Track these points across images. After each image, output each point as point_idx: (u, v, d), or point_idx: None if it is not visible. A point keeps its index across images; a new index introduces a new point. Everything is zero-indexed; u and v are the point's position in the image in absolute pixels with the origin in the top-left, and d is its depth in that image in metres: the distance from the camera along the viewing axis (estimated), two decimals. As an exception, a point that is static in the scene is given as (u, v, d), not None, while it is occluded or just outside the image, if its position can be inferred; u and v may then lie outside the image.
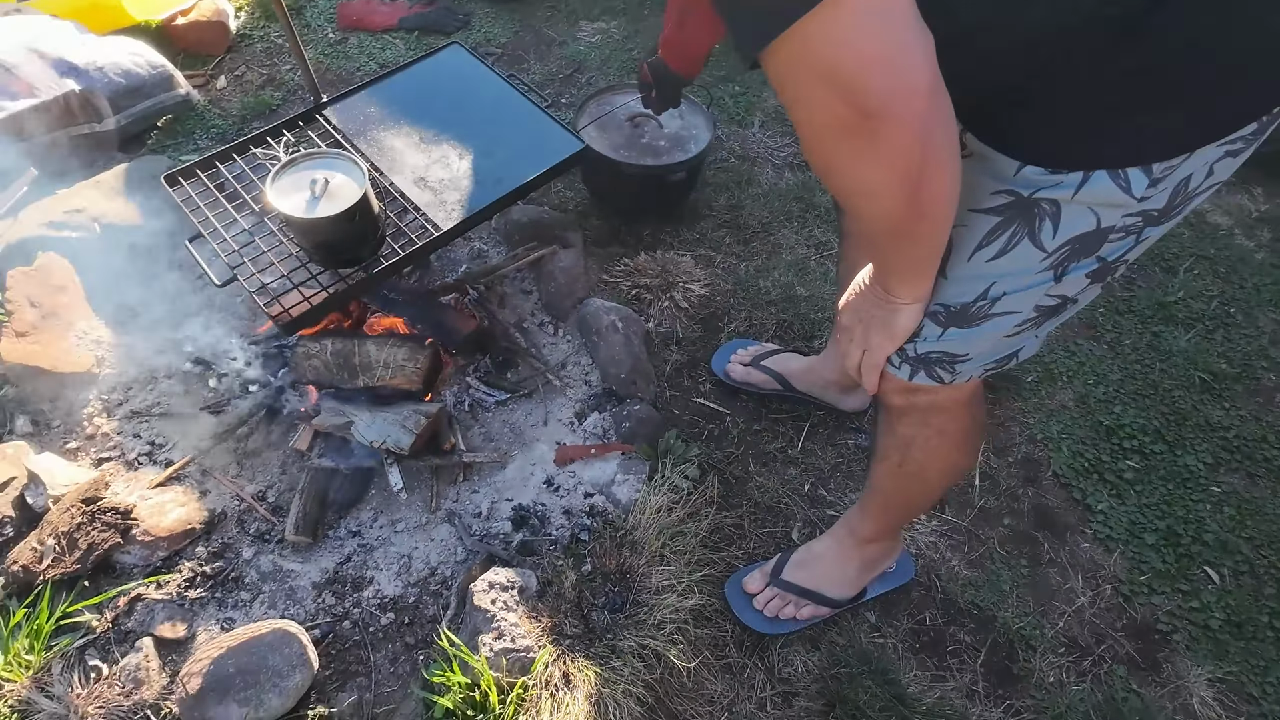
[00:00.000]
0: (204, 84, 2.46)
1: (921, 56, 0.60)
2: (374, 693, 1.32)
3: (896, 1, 0.59)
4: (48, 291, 1.69)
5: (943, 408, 1.05)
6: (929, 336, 0.92)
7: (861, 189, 0.70)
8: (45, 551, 1.37)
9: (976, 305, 0.87)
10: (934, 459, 1.13)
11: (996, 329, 0.90)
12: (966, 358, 0.93)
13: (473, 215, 1.47)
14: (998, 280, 0.85)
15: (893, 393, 1.04)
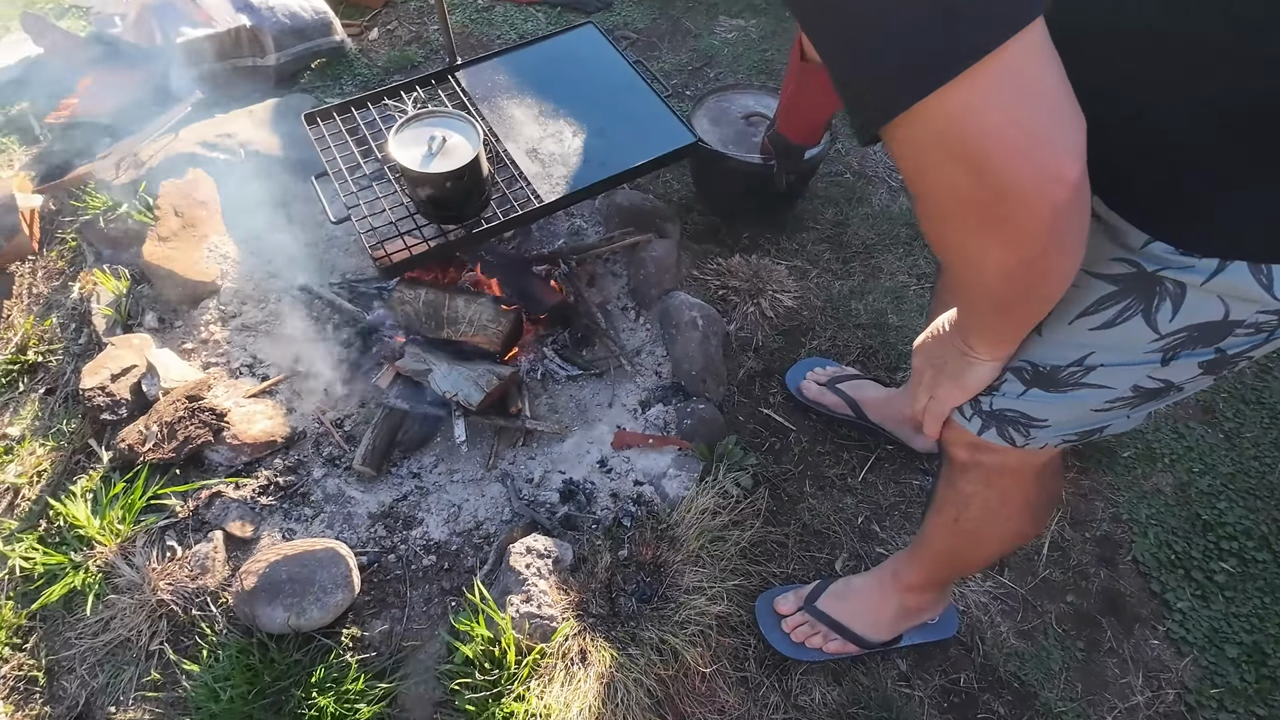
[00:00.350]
0: (358, 34, 2.62)
1: (1072, 142, 0.55)
2: (405, 626, 1.39)
3: (1048, 75, 0.53)
4: (191, 204, 1.85)
5: (1010, 471, 0.99)
6: (1008, 392, 0.86)
7: (973, 263, 0.66)
8: (149, 436, 1.52)
9: (1068, 371, 0.81)
10: (993, 522, 1.07)
11: (1085, 400, 0.83)
12: (1045, 423, 0.87)
13: (574, 192, 1.50)
14: (1097, 350, 0.78)
15: (958, 445, 0.99)
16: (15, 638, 1.42)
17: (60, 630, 1.42)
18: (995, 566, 1.52)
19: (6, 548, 1.49)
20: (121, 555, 1.43)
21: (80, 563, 1.44)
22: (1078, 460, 1.66)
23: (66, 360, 1.77)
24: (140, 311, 1.77)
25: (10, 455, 1.65)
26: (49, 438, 1.66)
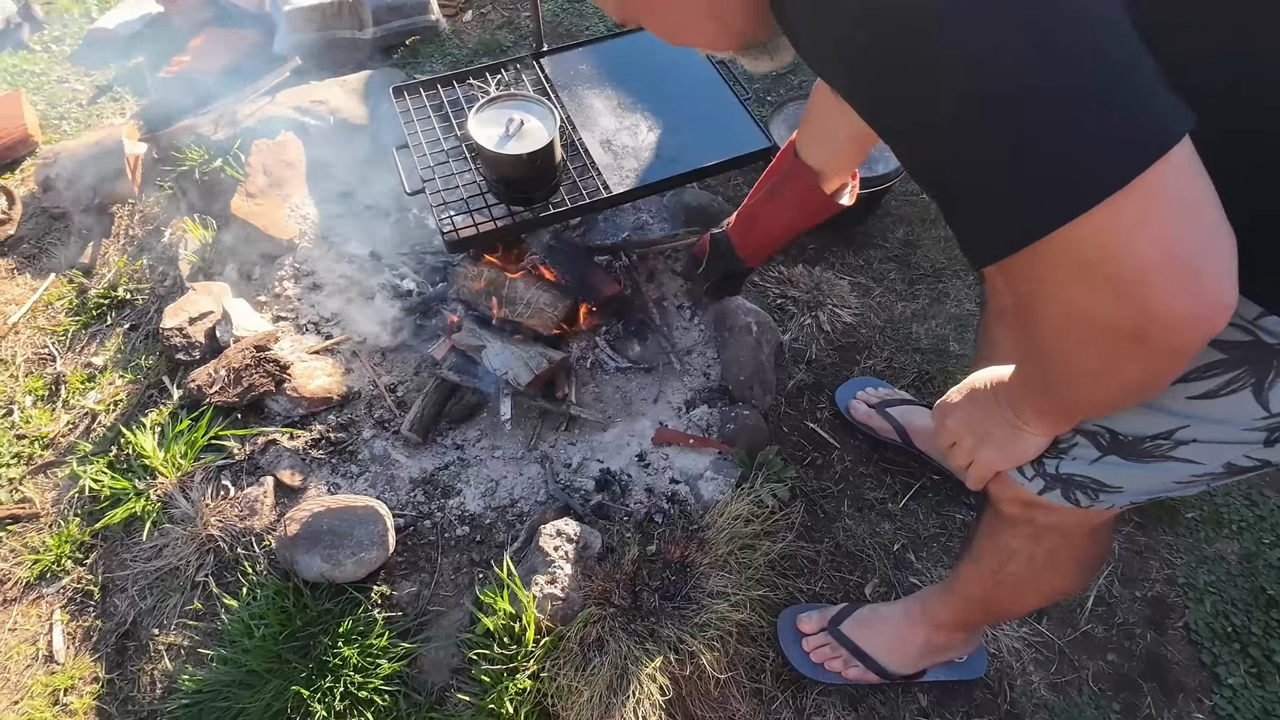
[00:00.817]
0: (453, 15, 2.69)
1: (1229, 265, 0.50)
2: (432, 591, 1.42)
3: (1199, 193, 0.49)
4: (279, 165, 1.94)
5: (1064, 531, 0.93)
6: (1080, 458, 0.79)
7: (1091, 379, 0.61)
8: (216, 380, 1.60)
9: (1155, 442, 0.74)
10: (1036, 579, 1.02)
11: (1167, 473, 0.76)
12: (1118, 490, 0.80)
13: (643, 186, 1.51)
14: (1193, 423, 0.71)
15: (1009, 500, 0.92)
16: (78, 552, 1.52)
17: (117, 551, 1.51)
18: (1034, 614, 1.46)
19: (79, 468, 1.60)
20: (180, 488, 1.51)
21: (142, 490, 1.53)
22: (1136, 515, 1.58)
23: (151, 300, 1.88)
24: (222, 261, 1.86)
25: (92, 383, 1.76)
26: (128, 371, 1.76)
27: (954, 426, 0.86)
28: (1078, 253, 0.50)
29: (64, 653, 1.42)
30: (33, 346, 1.84)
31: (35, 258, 2.03)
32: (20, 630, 1.45)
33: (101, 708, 1.36)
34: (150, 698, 1.36)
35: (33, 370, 1.80)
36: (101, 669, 1.40)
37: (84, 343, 1.84)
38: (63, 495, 1.59)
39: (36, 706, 1.36)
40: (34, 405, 1.74)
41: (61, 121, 2.41)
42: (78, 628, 1.45)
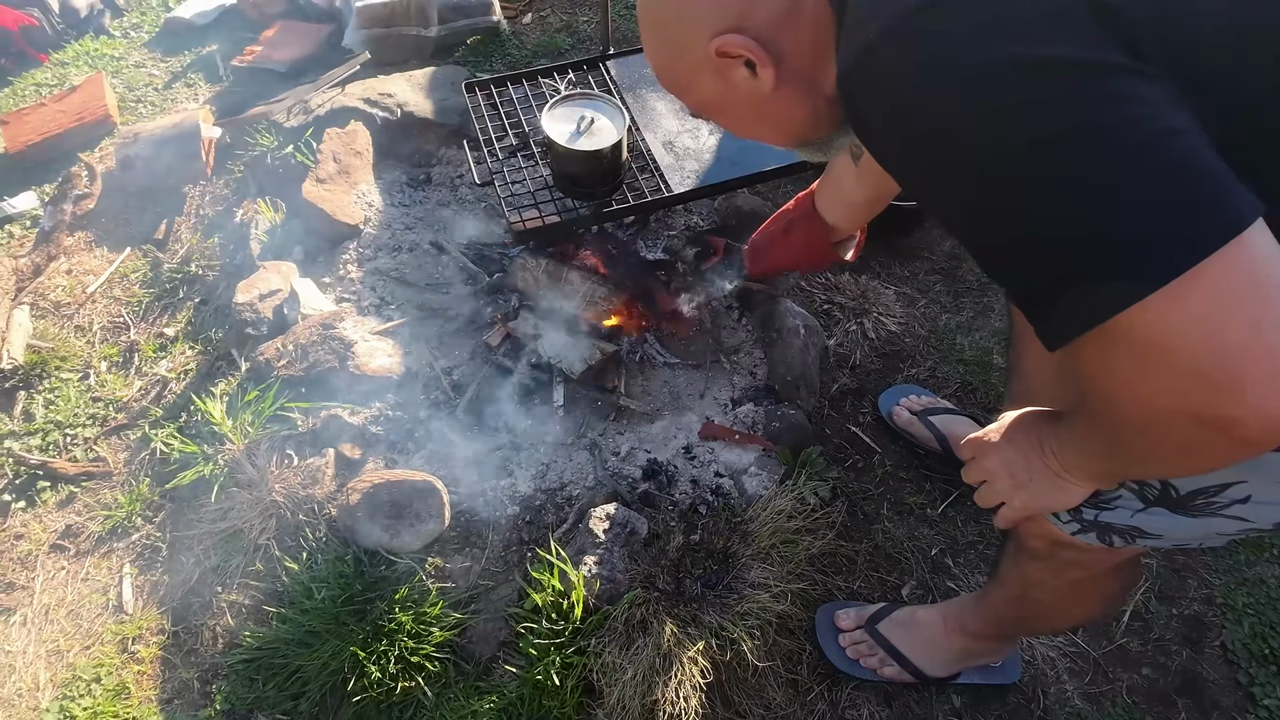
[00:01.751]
0: (514, 17, 2.76)
1: None
2: (483, 566, 1.48)
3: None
4: (348, 152, 2.02)
5: (1086, 566, 0.94)
6: (1124, 508, 0.79)
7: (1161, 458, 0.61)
8: (284, 354, 1.67)
9: (1204, 499, 0.74)
10: (1059, 607, 1.05)
11: (1213, 527, 0.76)
12: (1158, 537, 0.81)
13: (703, 187, 1.56)
14: (1251, 479, 0.70)
15: (1035, 536, 0.93)
16: (148, 510, 1.60)
17: (185, 512, 1.59)
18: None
19: (151, 431, 1.68)
20: (247, 455, 1.58)
21: (211, 455, 1.60)
22: (1175, 534, 1.59)
23: (221, 277, 1.96)
24: (290, 242, 1.94)
25: (164, 352, 1.85)
26: (198, 342, 1.84)
27: (992, 466, 0.84)
28: (1148, 339, 0.50)
29: (132, 604, 1.49)
30: (108, 315, 1.94)
31: (112, 232, 2.13)
32: (92, 580, 1.53)
33: (166, 657, 1.43)
34: (212, 651, 1.43)
35: (108, 338, 1.89)
36: (167, 621, 1.47)
37: (156, 314, 1.93)
38: (134, 456, 1.67)
39: (106, 652, 1.43)
40: (109, 370, 1.83)
41: (138, 104, 2.52)
42: (145, 581, 1.52)
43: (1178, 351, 0.50)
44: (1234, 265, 0.48)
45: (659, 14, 0.79)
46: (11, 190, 2.24)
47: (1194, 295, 0.48)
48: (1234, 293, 0.48)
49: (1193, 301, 0.48)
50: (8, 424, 1.72)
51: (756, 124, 0.81)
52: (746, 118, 0.80)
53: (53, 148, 2.29)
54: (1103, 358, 0.55)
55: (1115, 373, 0.55)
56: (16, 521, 1.59)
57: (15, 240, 2.11)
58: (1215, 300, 0.48)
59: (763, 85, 0.73)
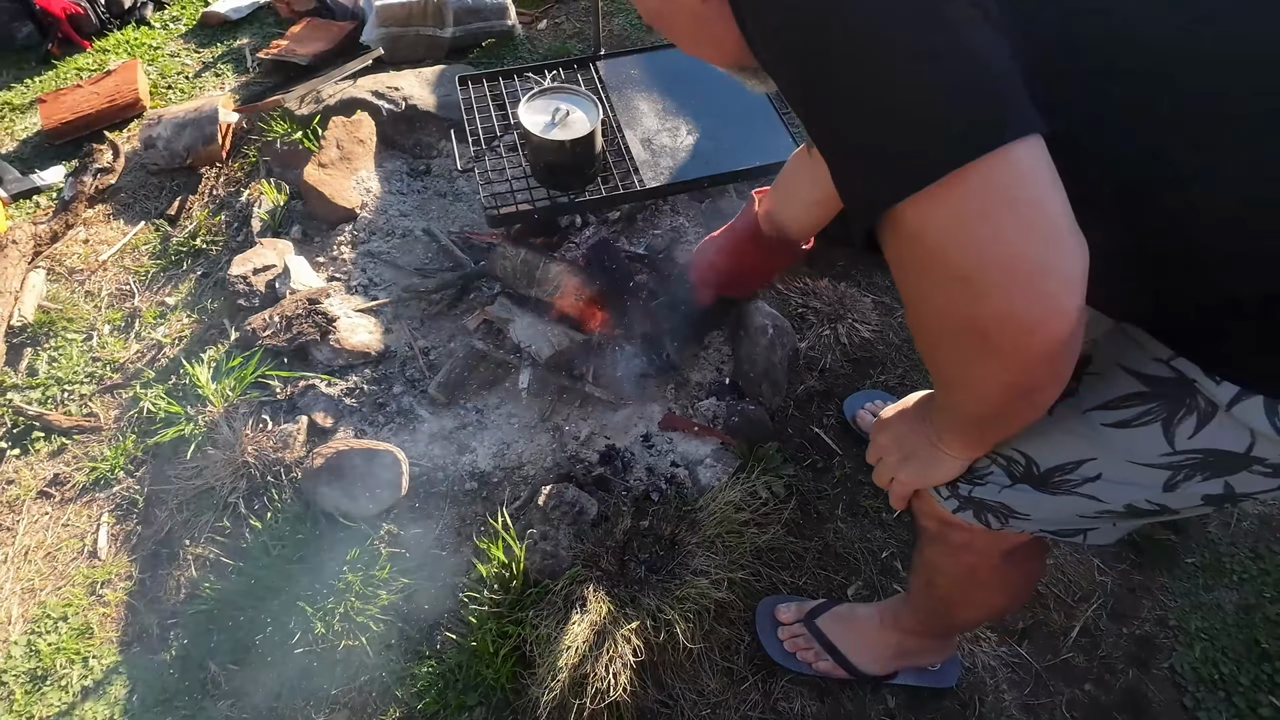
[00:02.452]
0: (529, 23, 2.86)
1: (1071, 272, 0.51)
2: (436, 536, 1.52)
3: (1043, 197, 0.50)
4: (352, 140, 2.11)
5: (977, 550, 0.96)
6: (993, 484, 0.83)
7: (960, 383, 0.64)
8: (269, 325, 1.75)
9: (1061, 475, 0.77)
10: (963, 593, 1.06)
11: (1073, 506, 0.79)
12: (1026, 517, 0.84)
13: (674, 183, 1.61)
14: (1100, 457, 0.74)
15: (926, 515, 0.97)
16: (130, 465, 1.68)
17: (164, 468, 1.66)
18: (1014, 635, 1.47)
19: (142, 391, 1.76)
20: (225, 417, 1.66)
21: (193, 416, 1.68)
22: (1134, 554, 1.58)
23: (224, 252, 2.06)
24: (290, 222, 2.03)
25: (163, 319, 1.94)
26: (195, 311, 1.94)
27: (885, 440, 0.88)
28: (919, 239, 0.52)
29: (106, 551, 1.57)
30: (117, 283, 2.04)
31: (130, 206, 2.24)
32: (72, 527, 1.61)
33: (131, 602, 1.49)
34: (174, 600, 1.49)
35: (114, 303, 2.00)
36: (136, 569, 1.54)
37: (161, 284, 2.03)
38: (124, 414, 1.76)
39: (76, 594, 1.50)
40: (111, 333, 1.93)
41: (169, 91, 2.66)
42: (121, 531, 1.60)
43: (942, 253, 0.52)
44: (993, 174, 0.49)
45: None
46: (44, 164, 2.38)
47: (955, 198, 0.50)
48: (988, 200, 0.49)
49: (953, 204, 0.50)
50: (13, 377, 1.82)
51: (694, 39, 0.80)
52: (685, 31, 0.80)
53: (84, 127, 2.43)
54: (893, 259, 0.57)
55: (904, 278, 0.58)
56: (9, 468, 1.68)
57: (40, 210, 2.24)
58: (972, 205, 0.50)
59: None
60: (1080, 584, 1.54)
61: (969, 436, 0.77)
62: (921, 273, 0.55)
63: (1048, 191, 0.50)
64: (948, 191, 0.50)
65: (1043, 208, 0.50)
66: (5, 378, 1.81)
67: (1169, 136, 0.57)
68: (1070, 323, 0.52)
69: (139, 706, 1.37)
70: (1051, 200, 0.51)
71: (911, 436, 0.84)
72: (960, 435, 0.78)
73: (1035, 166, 0.50)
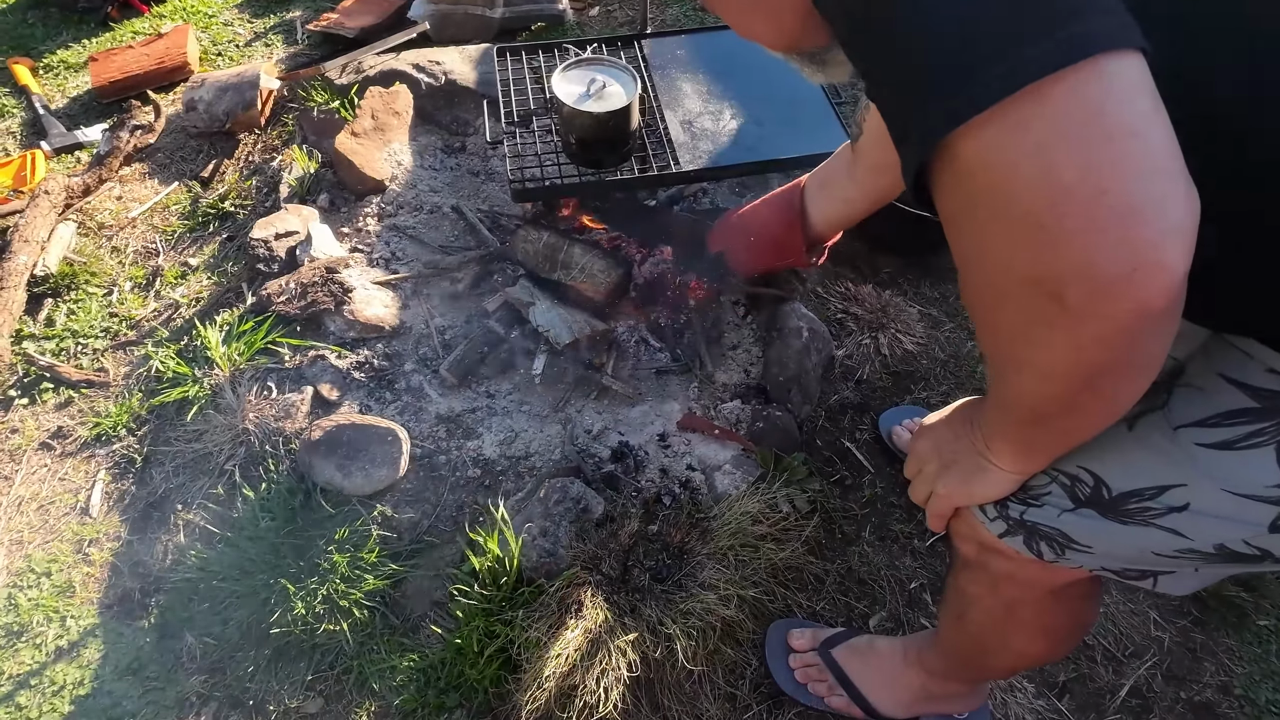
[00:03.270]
0: (581, 9, 2.79)
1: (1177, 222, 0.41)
2: (431, 523, 1.44)
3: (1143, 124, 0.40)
4: (387, 112, 2.06)
5: (1020, 583, 0.83)
6: (1051, 506, 0.70)
7: (1018, 361, 0.53)
8: (285, 291, 1.70)
9: (1139, 502, 0.64)
10: (998, 633, 0.92)
11: (1147, 540, 0.66)
12: (1088, 550, 0.71)
13: (712, 168, 1.50)
14: (1193, 483, 0.61)
15: (964, 538, 0.83)
16: (133, 423, 1.63)
17: (165, 430, 1.62)
18: (1055, 688, 1.32)
19: (153, 350, 1.73)
20: (230, 382, 1.60)
21: (199, 379, 1.63)
22: (1196, 610, 1.41)
23: (251, 216, 2.02)
24: (318, 190, 1.98)
25: (184, 280, 1.91)
26: (215, 274, 1.90)
27: (924, 448, 0.77)
28: (982, 174, 0.42)
29: (98, 509, 1.52)
30: (144, 241, 2.02)
31: (166, 166, 2.23)
32: (68, 481, 1.57)
33: (115, 564, 1.44)
34: (160, 565, 1.43)
35: (138, 260, 1.97)
36: (125, 530, 1.49)
37: (186, 244, 2.00)
38: (133, 371, 1.72)
39: (62, 550, 1.46)
40: (131, 290, 1.90)
41: (218, 58, 2.66)
42: (115, 489, 1.55)
43: (1010, 189, 0.41)
44: (1087, 91, 0.39)
45: None
46: (90, 121, 2.39)
47: (1029, 119, 0.39)
48: (1072, 121, 0.39)
49: (1027, 126, 0.40)
50: (30, 327, 1.80)
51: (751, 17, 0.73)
52: (740, 7, 0.73)
53: (132, 87, 2.43)
54: (949, 207, 0.47)
55: (960, 231, 0.47)
56: (15, 417, 1.66)
57: (80, 165, 2.24)
58: (1050, 128, 0.39)
59: None
60: (1133, 637, 1.38)
61: (1024, 442, 0.65)
62: (982, 218, 0.44)
63: (1151, 119, 0.40)
64: (1020, 110, 0.39)
65: (1144, 138, 0.40)
66: (23, 327, 1.80)
67: None
68: (1169, 282, 0.41)
69: (110, 673, 1.31)
70: (1155, 130, 0.40)
71: (955, 443, 0.72)
72: (1014, 440, 0.65)
73: (1135, 86, 0.40)
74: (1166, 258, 0.41)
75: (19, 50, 2.65)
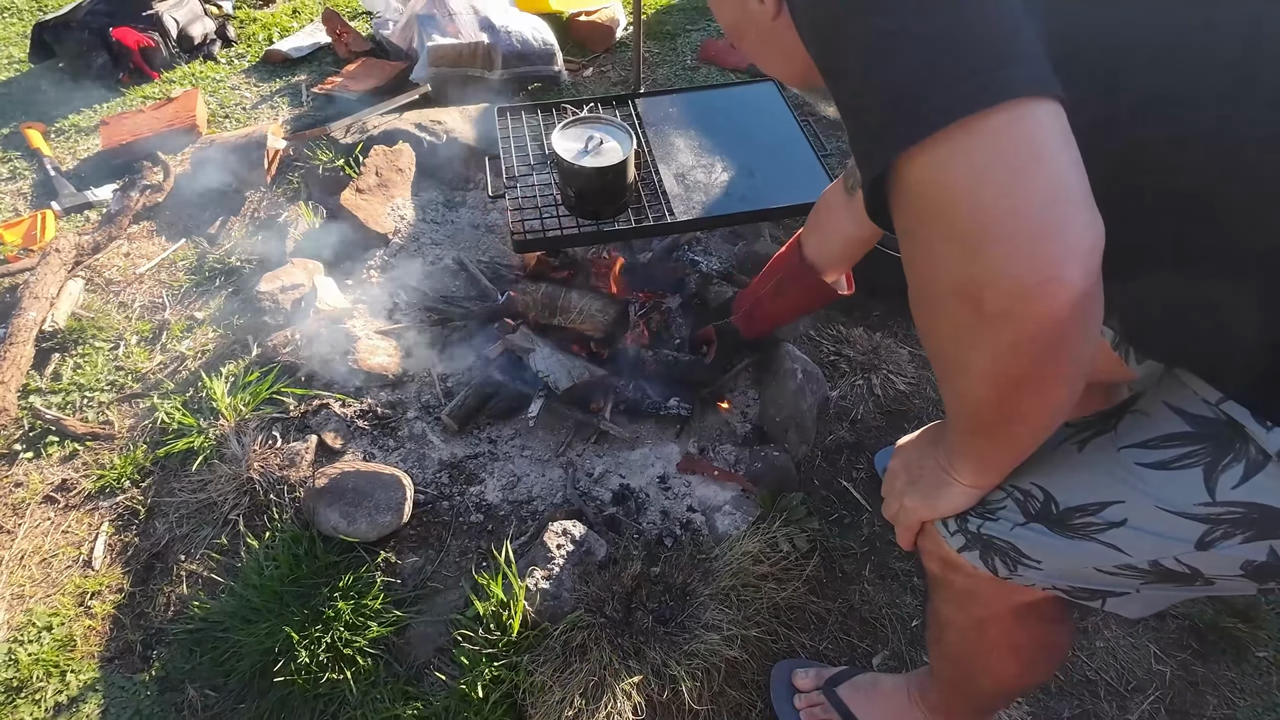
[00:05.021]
0: (575, 70, 2.92)
1: (1077, 243, 0.47)
2: (435, 568, 1.45)
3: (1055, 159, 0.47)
4: (390, 169, 2.13)
5: (983, 601, 0.87)
6: (1005, 520, 0.76)
7: (955, 366, 0.59)
8: (290, 342, 1.74)
9: (1083, 517, 0.70)
10: (973, 655, 0.95)
11: (1089, 556, 0.71)
12: (1038, 565, 0.76)
13: (705, 218, 1.56)
14: (1129, 500, 0.67)
15: (931, 556, 0.88)
16: (137, 474, 1.65)
17: (169, 480, 1.63)
18: (1060, 724, 1.32)
19: (159, 401, 1.75)
20: (235, 432, 1.63)
21: (204, 429, 1.65)
22: (1196, 643, 1.42)
23: (257, 271, 2.07)
24: (323, 244, 2.04)
25: (190, 333, 1.95)
26: (221, 327, 1.94)
27: (896, 464, 0.83)
28: (926, 190, 0.49)
29: (101, 561, 1.52)
30: (150, 296, 2.07)
31: (174, 224, 2.29)
32: (71, 534, 1.57)
33: (118, 616, 1.44)
34: (162, 617, 1.43)
35: (145, 315, 2.01)
36: (128, 582, 1.49)
37: (193, 298, 2.04)
38: (139, 423, 1.74)
39: (64, 603, 1.46)
40: (138, 344, 1.93)
41: (226, 119, 2.76)
42: (119, 541, 1.56)
43: (941, 209, 0.48)
44: (1008, 127, 0.46)
45: None
46: (99, 182, 2.46)
47: (964, 146, 0.46)
48: (1000, 152, 0.46)
49: (963, 152, 0.47)
50: (37, 381, 1.82)
51: (767, 54, 0.80)
52: (758, 46, 0.80)
53: (141, 149, 2.52)
54: (899, 222, 0.53)
55: (907, 239, 0.54)
56: (20, 470, 1.67)
57: (89, 224, 2.30)
58: (980, 155, 0.46)
59: (767, 11, 0.73)
60: (1135, 672, 1.39)
61: (975, 453, 0.70)
62: (923, 234, 0.52)
63: (1061, 154, 0.47)
64: (953, 140, 0.47)
65: (1055, 170, 0.47)
66: (30, 381, 1.82)
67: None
68: (1071, 295, 0.47)
69: (110, 728, 1.30)
70: (1065, 165, 0.47)
71: (921, 460, 0.78)
72: (966, 453, 0.71)
73: (1050, 126, 0.47)
74: (1067, 274, 0.47)
75: (33, 115, 2.74)
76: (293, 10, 3.37)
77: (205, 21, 3.11)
